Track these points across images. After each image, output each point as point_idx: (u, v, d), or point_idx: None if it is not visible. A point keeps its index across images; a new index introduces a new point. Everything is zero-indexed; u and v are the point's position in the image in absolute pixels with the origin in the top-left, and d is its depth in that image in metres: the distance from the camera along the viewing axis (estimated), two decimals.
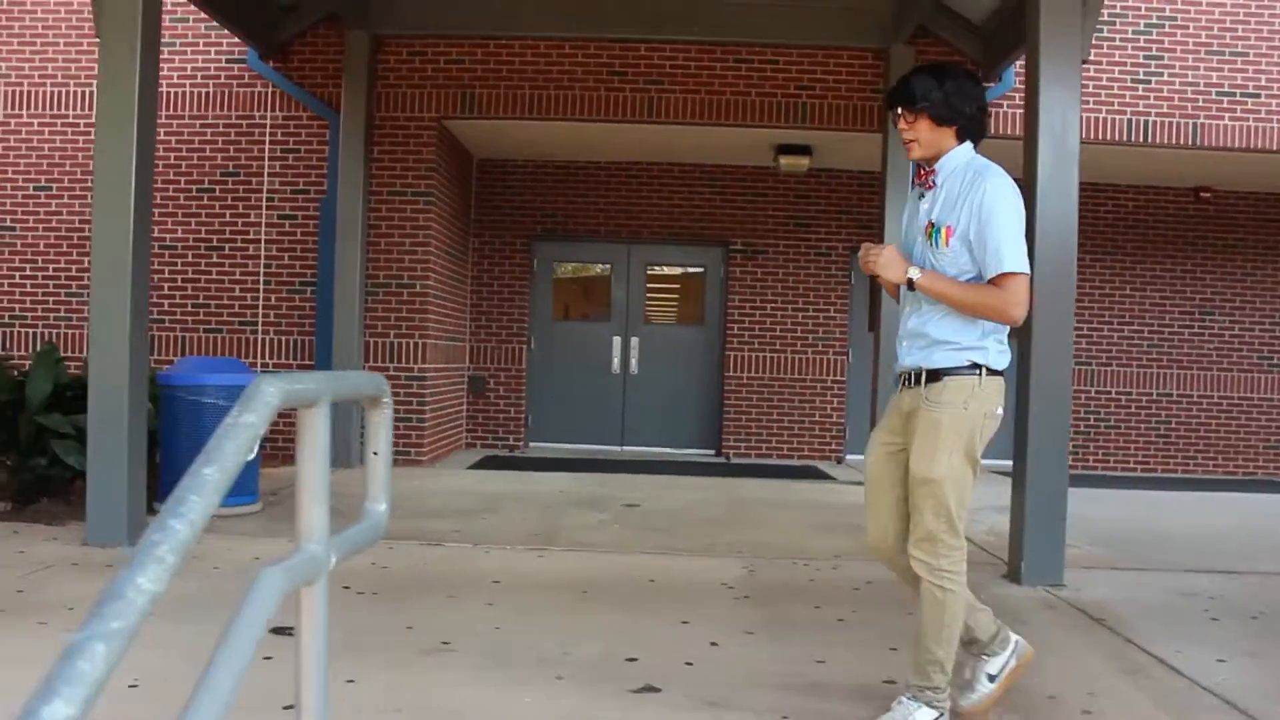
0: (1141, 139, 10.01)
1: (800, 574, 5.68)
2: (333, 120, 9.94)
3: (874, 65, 10.00)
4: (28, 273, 10.53)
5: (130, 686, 3.57)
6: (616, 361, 11.94)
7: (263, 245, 10.15)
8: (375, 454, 2.19)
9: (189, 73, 10.25)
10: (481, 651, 4.10)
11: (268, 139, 10.21)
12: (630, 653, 4.11)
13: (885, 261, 3.36)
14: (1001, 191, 3.25)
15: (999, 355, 3.34)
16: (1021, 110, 9.90)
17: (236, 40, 9.98)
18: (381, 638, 4.22)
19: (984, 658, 3.54)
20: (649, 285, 12.18)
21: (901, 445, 3.40)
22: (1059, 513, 5.71)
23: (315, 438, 1.77)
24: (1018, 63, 9.63)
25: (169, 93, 10.23)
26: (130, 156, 5.88)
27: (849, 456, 11.60)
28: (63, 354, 9.21)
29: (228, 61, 10.22)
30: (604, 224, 11.86)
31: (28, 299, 10.53)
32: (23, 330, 10.44)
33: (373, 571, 5.37)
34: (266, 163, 10.19)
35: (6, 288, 10.56)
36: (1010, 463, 5.94)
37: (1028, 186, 5.94)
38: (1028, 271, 3.25)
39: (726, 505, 8.02)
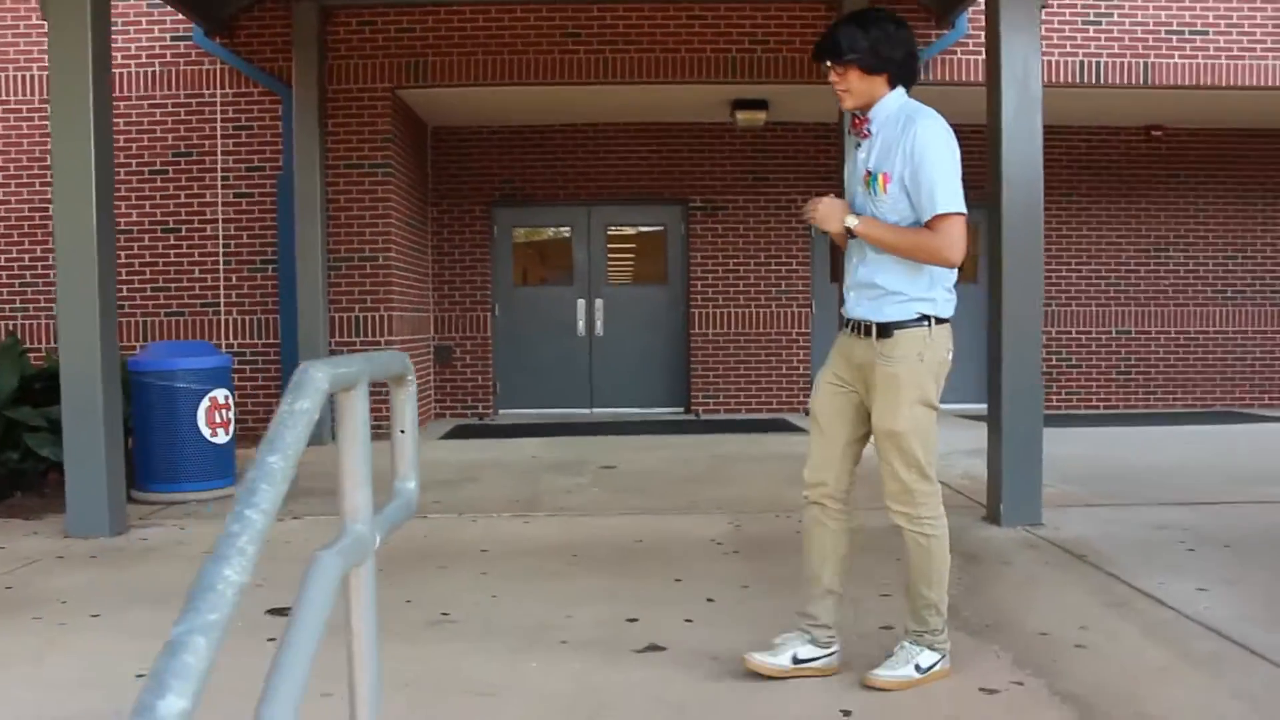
0: (1094, 80, 10.09)
1: (785, 526, 5.75)
2: (285, 95, 9.81)
3: (827, 16, 9.98)
4: None
5: (137, 676, 3.56)
6: (581, 324, 11.95)
7: (220, 225, 10.03)
8: (402, 432, 2.21)
9: (133, 52, 10.05)
10: (482, 621, 4.13)
11: (219, 117, 10.06)
12: (629, 613, 4.16)
13: (824, 213, 3.37)
14: (933, 133, 3.24)
15: (946, 304, 3.35)
16: (976, 56, 10.01)
17: (180, 17, 9.80)
18: (381, 613, 4.23)
19: (806, 637, 3.48)
20: (610, 246, 12.18)
21: (851, 388, 3.43)
22: (1035, 454, 5.81)
23: (356, 419, 1.79)
24: (970, 9, 9.70)
25: (114, 74, 10.02)
26: (88, 140, 5.77)
27: None
28: (23, 345, 9.08)
29: (173, 39, 10.04)
30: (563, 187, 11.82)
31: None
32: None
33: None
34: (219, 141, 10.04)
35: None
36: (980, 406, 6.03)
37: (991, 133, 6.00)
38: (963, 212, 3.23)
39: (703, 463, 8.08)
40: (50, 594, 4.62)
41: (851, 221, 3.32)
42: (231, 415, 7.01)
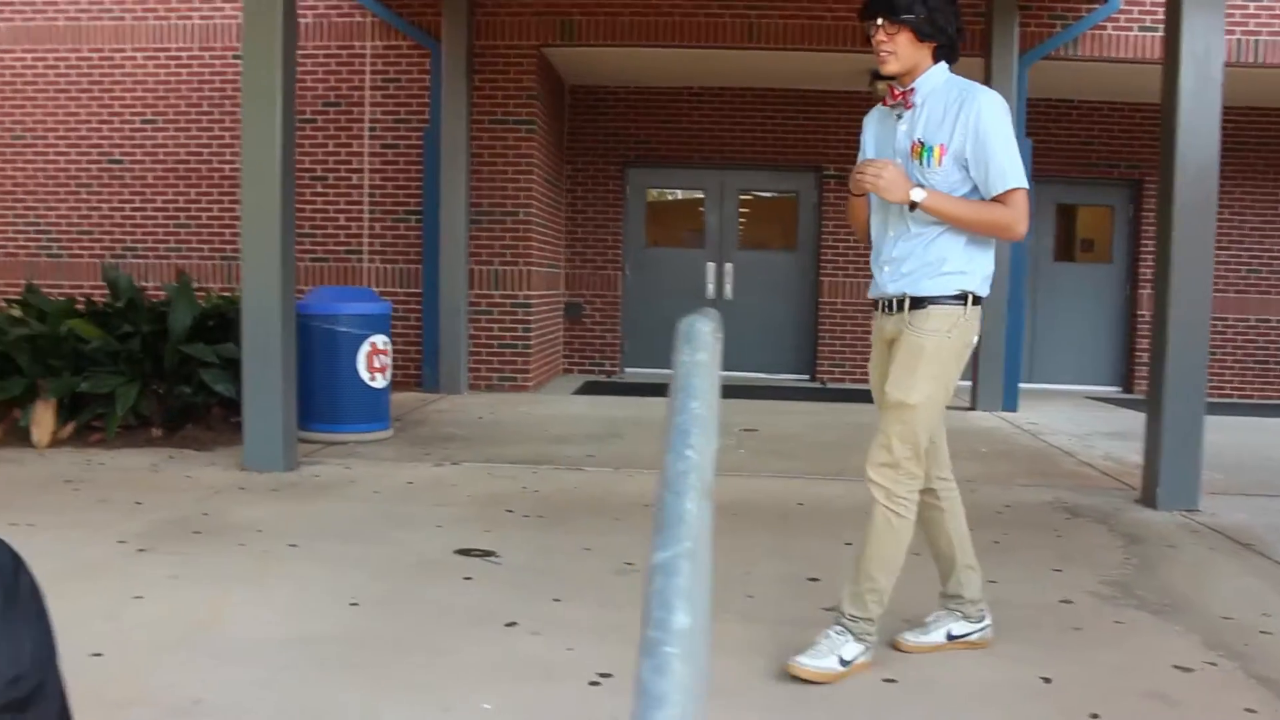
0: (1251, 59, 9.84)
1: None
2: (433, 49, 9.99)
3: None
4: (137, 205, 10.75)
5: (351, 604, 3.75)
6: (711, 287, 12.02)
7: (366, 175, 10.28)
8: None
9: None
10: None
11: (368, 69, 10.29)
12: (809, 573, 4.27)
13: (888, 181, 3.17)
14: (996, 108, 3.20)
15: (985, 283, 3.29)
16: (1127, 33, 9.82)
17: None
18: (565, 559, 4.39)
19: (957, 615, 3.50)
20: (741, 211, 12.21)
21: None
22: (1196, 440, 5.77)
23: (717, 369, 1.91)
24: None
25: None
26: (276, 89, 5.95)
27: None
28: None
29: None
30: (697, 150, 11.87)
31: (138, 230, 10.76)
32: (135, 261, 10.68)
33: (526, 495, 5.56)
34: (367, 93, 10.28)
35: (118, 220, 10.80)
36: (1110, 388, 5.97)
37: (1165, 114, 5.91)
38: (1028, 186, 3.21)
39: (840, 430, 8.14)
40: (244, 523, 4.86)
41: (919, 194, 3.17)
42: (389, 361, 7.24)
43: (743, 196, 12.17)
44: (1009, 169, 3.18)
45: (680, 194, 12.50)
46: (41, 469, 6.01)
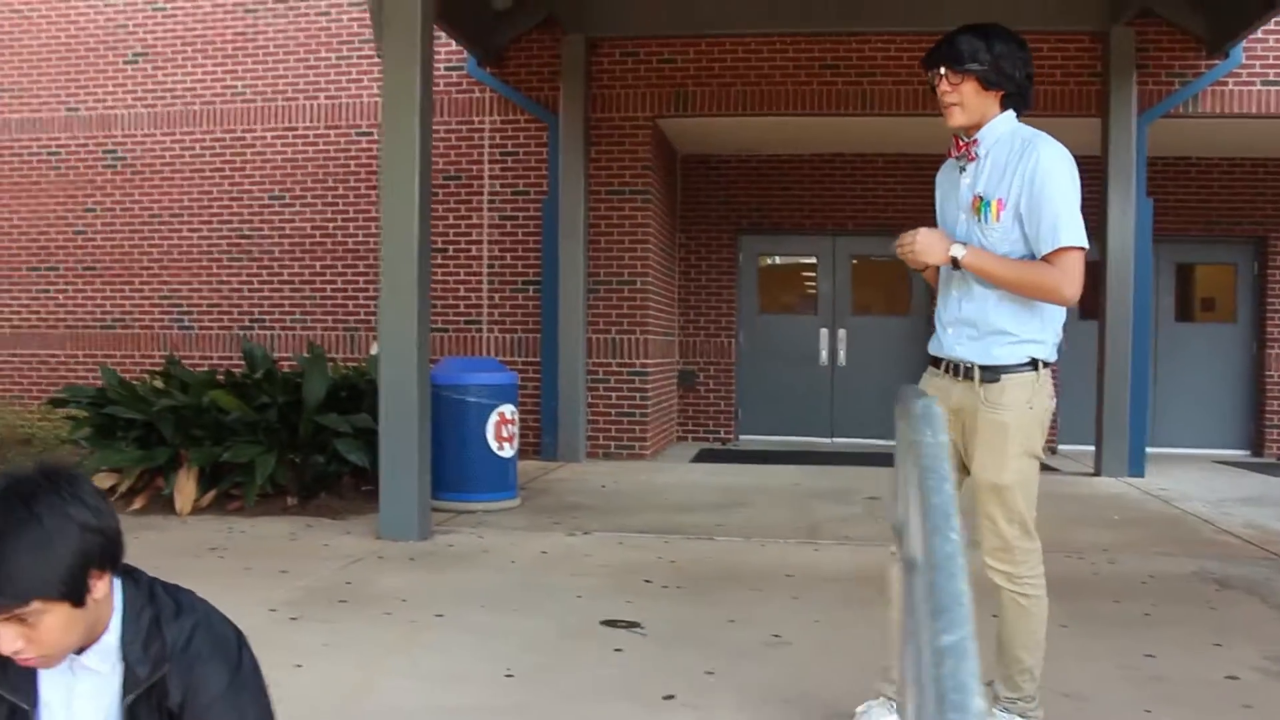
0: None
1: (1079, 568, 5.67)
2: (550, 122, 10.21)
3: (1091, 48, 9.80)
4: (264, 278, 11.11)
5: (506, 675, 3.79)
6: (824, 353, 11.99)
7: (485, 246, 10.49)
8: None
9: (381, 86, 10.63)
10: (815, 644, 4.22)
11: (487, 143, 10.54)
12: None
13: (923, 245, 3.05)
14: (1057, 159, 2.98)
15: (1054, 348, 3.11)
16: (1249, 87, 9.65)
17: (455, 48, 10.33)
18: (711, 630, 4.39)
19: (1016, 716, 3.19)
20: (855, 277, 12.19)
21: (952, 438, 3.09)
22: None
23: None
24: (1246, 39, 9.40)
25: None
26: (414, 169, 6.15)
27: (1062, 447, 11.43)
28: (299, 354, 9.68)
29: (447, 69, 10.58)
30: (809, 216, 11.91)
31: (265, 303, 11.11)
32: (262, 333, 11.02)
33: (661, 565, 5.57)
34: (486, 165, 10.52)
35: (245, 293, 11.17)
36: (1237, 452, 5.79)
37: None
38: (1085, 246, 2.98)
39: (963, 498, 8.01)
40: (388, 592, 4.95)
41: (958, 251, 3.02)
42: (515, 430, 7.34)
43: (854, 262, 12.15)
44: (1062, 225, 2.95)
45: (793, 260, 12.52)
46: (186, 536, 6.20)
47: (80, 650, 1.79)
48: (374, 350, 9.13)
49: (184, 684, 1.81)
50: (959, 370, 3.10)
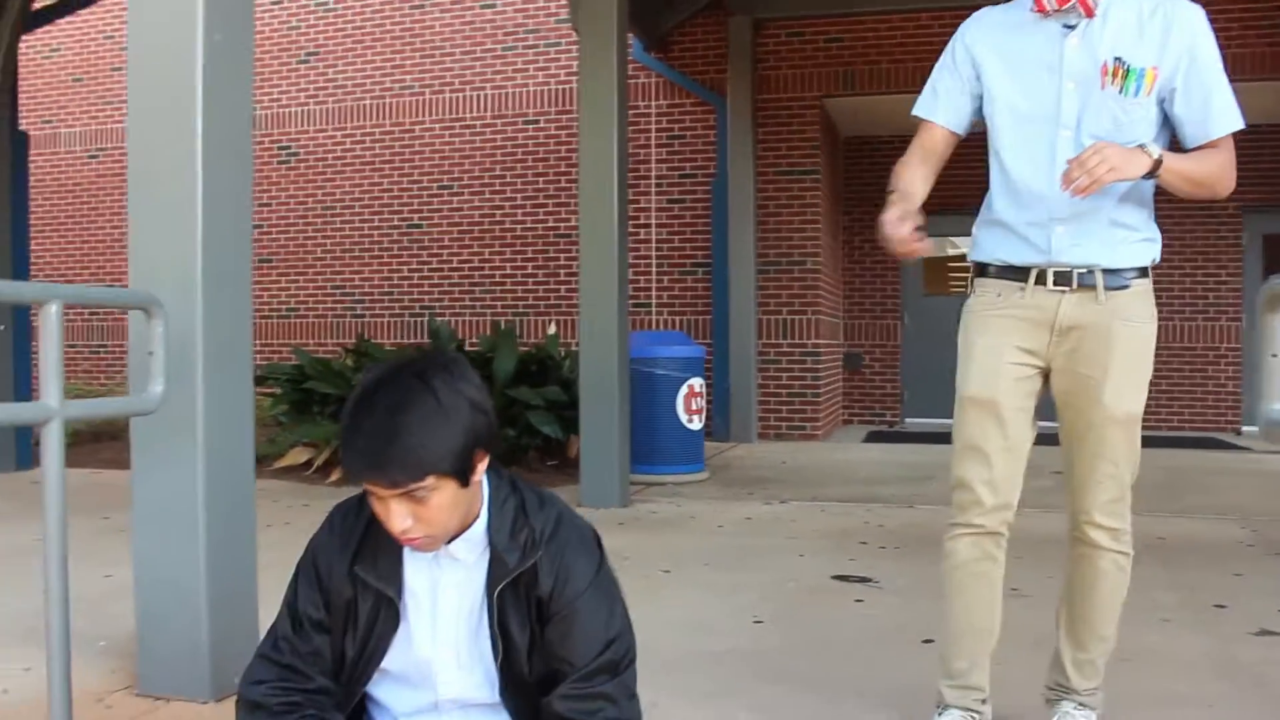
0: None
1: None
2: (718, 105, 10.23)
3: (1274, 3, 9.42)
4: (434, 266, 11.36)
5: (755, 622, 3.81)
6: None
7: (653, 230, 10.56)
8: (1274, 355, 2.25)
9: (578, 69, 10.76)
10: (1053, 595, 4.12)
11: (654, 127, 10.60)
12: (1214, 600, 4.09)
13: (1119, 159, 2.28)
14: (1206, 22, 2.44)
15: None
16: None
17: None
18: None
19: (1091, 711, 2.66)
20: None
21: (1037, 369, 2.54)
22: None
23: None
24: None
25: (559, 89, 10.82)
26: (612, 153, 6.23)
27: (1245, 428, 11.02)
28: (467, 338, 9.86)
29: None
30: (974, 197, 11.63)
31: (435, 290, 11.36)
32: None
33: (871, 529, 5.54)
34: (653, 150, 10.58)
35: (415, 280, 11.44)
36: None
37: None
38: None
39: (1162, 473, 7.77)
40: (609, 551, 4.98)
41: (1156, 153, 2.34)
42: (703, 404, 7.36)
43: None
44: (1232, 104, 2.41)
45: (957, 241, 12.30)
46: None
47: (448, 540, 1.83)
48: (551, 330, 9.27)
49: (553, 572, 1.83)
50: (1070, 279, 2.46)
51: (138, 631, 3.01)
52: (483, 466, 1.79)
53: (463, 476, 1.73)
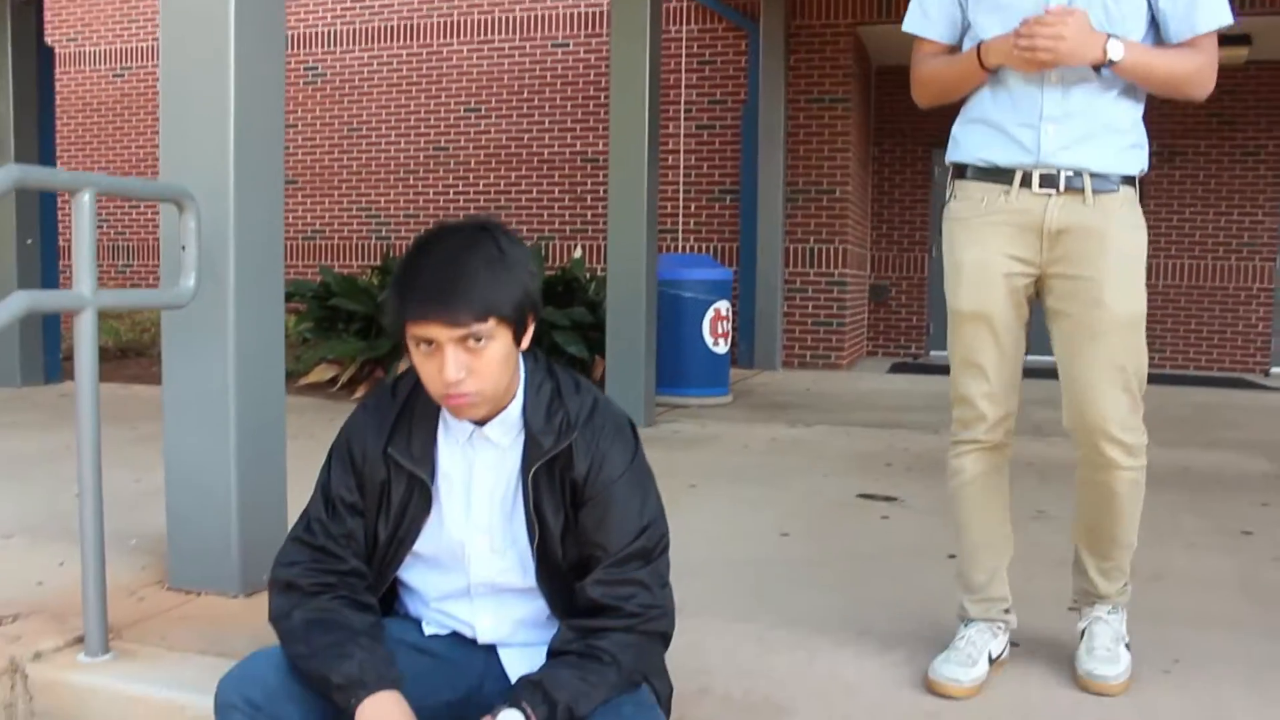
0: None
1: None
2: (750, 29, 10.08)
3: None
4: (460, 189, 11.32)
5: (782, 535, 3.82)
6: None
7: (681, 156, 10.46)
8: None
9: None
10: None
11: (684, 52, 10.46)
12: (1243, 526, 4.06)
13: (1076, 40, 2.22)
14: None
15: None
16: None
17: None
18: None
19: (1122, 610, 2.57)
20: None
21: (1029, 275, 2.44)
22: None
23: None
24: None
25: (588, 12, 10.68)
26: (644, 75, 6.11)
27: (1274, 369, 10.93)
28: None
29: None
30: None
31: (461, 214, 11.29)
32: None
33: (896, 452, 5.56)
34: (683, 75, 10.45)
35: (441, 203, 11.40)
36: None
37: None
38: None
39: (1189, 408, 7.72)
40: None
41: (1117, 50, 2.25)
42: (729, 328, 7.33)
43: None
44: None
45: None
46: None
47: (482, 422, 1.82)
48: (577, 254, 9.23)
49: (589, 455, 1.82)
50: (1057, 181, 2.35)
51: (168, 526, 3.03)
52: (530, 332, 1.80)
53: (519, 330, 1.74)
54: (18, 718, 2.48)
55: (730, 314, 7.33)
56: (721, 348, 7.23)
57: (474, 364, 1.69)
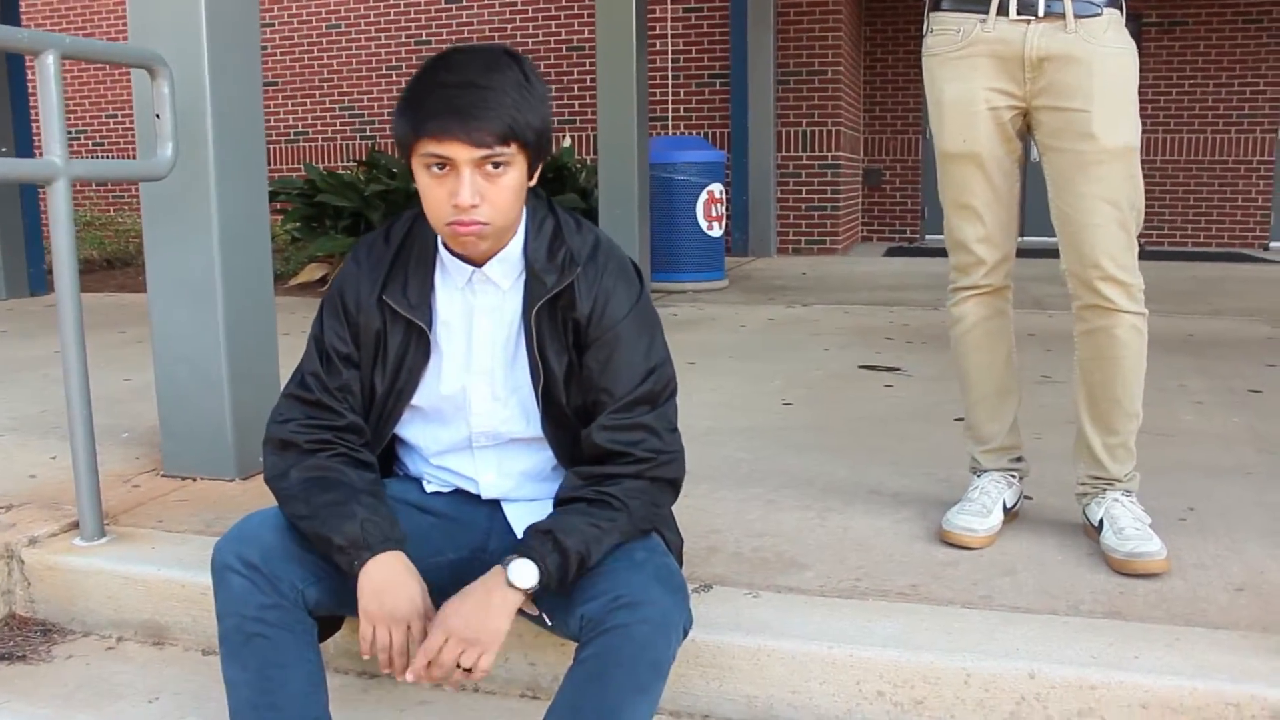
0: None
1: None
2: None
3: None
4: None
5: (785, 404, 3.77)
6: None
7: (669, 40, 10.22)
8: None
9: None
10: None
11: None
12: (1250, 386, 4.03)
13: None
14: None
15: None
16: None
17: None
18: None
19: (1132, 493, 2.38)
20: None
21: (1015, 109, 2.30)
22: None
23: None
24: None
25: None
26: None
27: (1274, 244, 10.86)
28: None
29: None
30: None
31: None
32: None
33: (895, 327, 5.53)
34: None
35: None
36: None
37: None
38: None
39: (1190, 281, 7.66)
40: None
41: None
42: (723, 211, 7.21)
43: None
44: None
45: None
46: None
47: (481, 263, 1.73)
48: (565, 143, 9.07)
49: (592, 295, 1.74)
50: (1036, 7, 2.22)
51: (159, 410, 2.96)
52: (539, 170, 1.72)
53: (537, 157, 1.66)
54: (16, 603, 2.44)
55: (724, 197, 7.20)
56: (716, 231, 7.12)
57: (489, 191, 1.60)
